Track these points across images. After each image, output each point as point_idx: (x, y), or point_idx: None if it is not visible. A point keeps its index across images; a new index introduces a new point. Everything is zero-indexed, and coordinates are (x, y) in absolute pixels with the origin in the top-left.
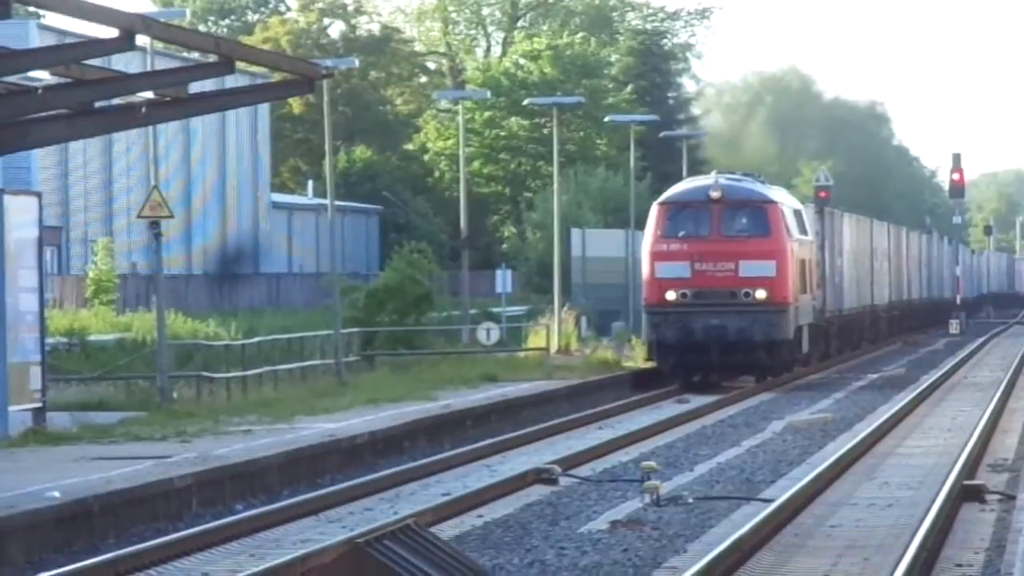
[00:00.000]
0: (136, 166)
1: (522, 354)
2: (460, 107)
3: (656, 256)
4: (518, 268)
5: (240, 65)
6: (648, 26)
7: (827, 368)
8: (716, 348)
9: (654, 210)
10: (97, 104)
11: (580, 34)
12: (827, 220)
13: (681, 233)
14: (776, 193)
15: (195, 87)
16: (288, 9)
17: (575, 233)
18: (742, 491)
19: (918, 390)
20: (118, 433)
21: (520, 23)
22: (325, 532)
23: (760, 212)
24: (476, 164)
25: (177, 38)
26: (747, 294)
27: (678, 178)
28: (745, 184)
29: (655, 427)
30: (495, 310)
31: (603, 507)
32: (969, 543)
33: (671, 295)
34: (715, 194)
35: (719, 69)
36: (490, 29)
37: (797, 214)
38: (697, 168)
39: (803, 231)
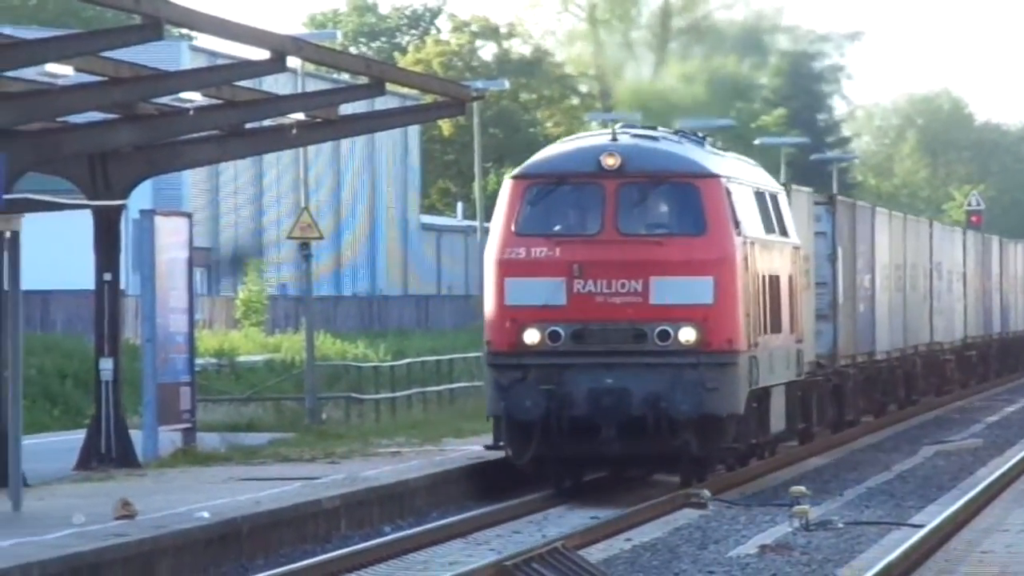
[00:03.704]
0: (285, 185)
1: None
2: (611, 129)
3: (505, 268)
4: None
5: (391, 87)
6: (798, 48)
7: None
8: (610, 429)
9: (506, 188)
10: (248, 125)
11: (731, 56)
12: (842, 217)
13: (555, 228)
14: (720, 162)
15: (345, 108)
16: (439, 31)
17: None
18: (892, 516)
19: None
20: (267, 454)
21: (671, 45)
22: (473, 555)
23: (687, 193)
24: None
25: (328, 60)
26: (664, 334)
27: None
28: (663, 146)
29: (804, 451)
30: None
31: (752, 531)
32: None
33: (531, 336)
34: (610, 161)
35: (870, 91)
36: (640, 51)
37: (764, 199)
38: (847, 193)
39: (778, 228)
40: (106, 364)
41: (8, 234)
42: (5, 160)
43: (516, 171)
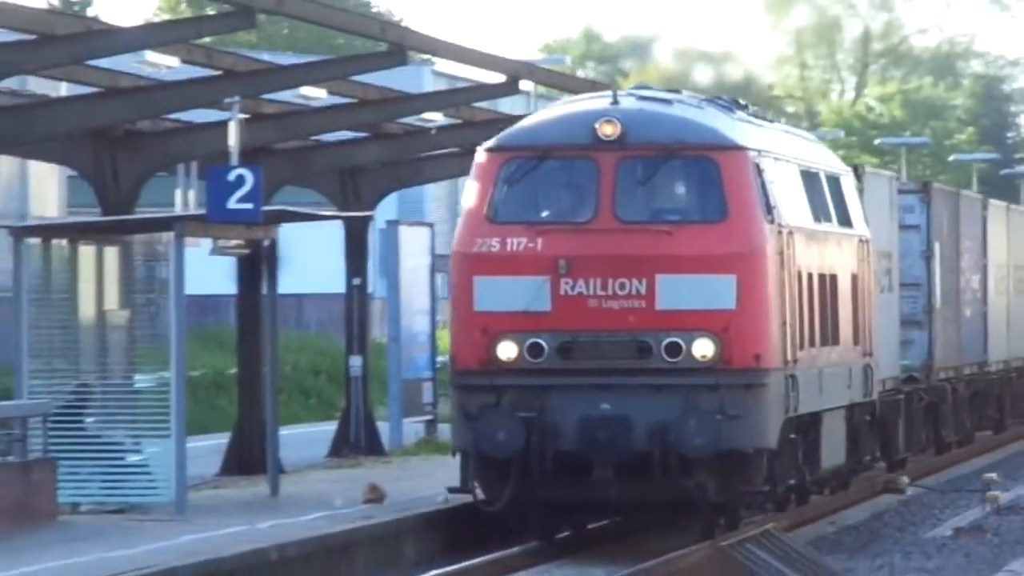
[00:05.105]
0: None
1: None
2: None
3: (475, 264)
4: None
5: None
6: (990, 72)
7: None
8: (606, 468)
9: (478, 163)
10: None
11: (927, 79)
12: (940, 208)
13: (539, 214)
14: (752, 132)
15: None
16: (656, 58)
17: None
18: None
19: None
20: None
21: (871, 68)
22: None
23: (704, 169)
24: None
25: (558, 82)
26: (674, 348)
27: None
28: (675, 111)
29: (996, 440)
30: None
31: (947, 515)
32: None
33: (507, 350)
34: (608, 130)
35: None
36: (843, 74)
37: (816, 181)
38: None
39: (836, 216)
40: (355, 361)
41: (267, 242)
42: (263, 174)
43: (490, 142)
